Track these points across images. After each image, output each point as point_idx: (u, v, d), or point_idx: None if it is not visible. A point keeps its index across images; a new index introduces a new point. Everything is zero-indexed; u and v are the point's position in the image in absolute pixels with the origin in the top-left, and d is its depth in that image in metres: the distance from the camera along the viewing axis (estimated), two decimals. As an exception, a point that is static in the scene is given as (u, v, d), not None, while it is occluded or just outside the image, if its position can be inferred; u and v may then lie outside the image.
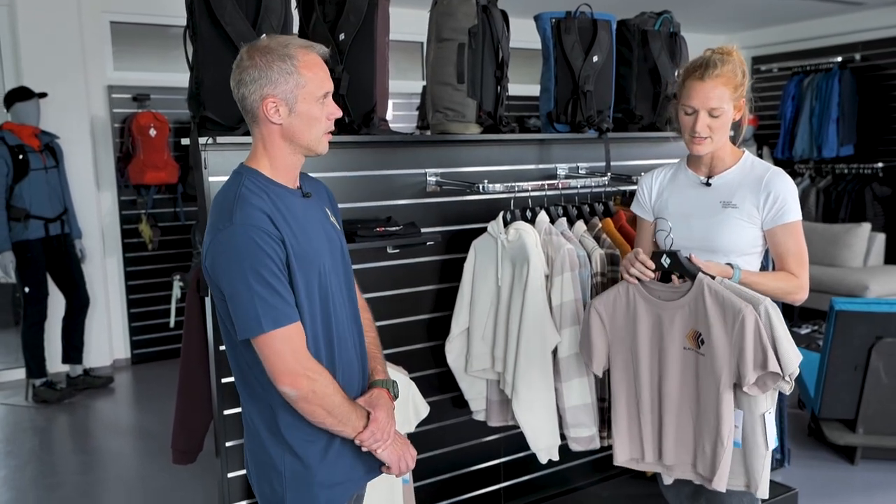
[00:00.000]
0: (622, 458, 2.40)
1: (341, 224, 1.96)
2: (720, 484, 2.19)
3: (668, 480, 2.42)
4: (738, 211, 2.23)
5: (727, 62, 2.17)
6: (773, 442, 2.16)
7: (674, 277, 2.24)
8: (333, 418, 1.70)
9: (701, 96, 2.17)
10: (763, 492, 2.17)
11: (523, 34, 3.87)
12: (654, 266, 2.19)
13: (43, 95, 5.08)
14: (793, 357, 2.06)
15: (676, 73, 3.37)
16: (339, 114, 1.76)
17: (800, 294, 2.22)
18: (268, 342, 1.62)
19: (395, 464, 1.81)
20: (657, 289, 2.25)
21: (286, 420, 1.73)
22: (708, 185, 2.29)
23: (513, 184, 2.82)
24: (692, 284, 2.18)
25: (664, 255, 2.19)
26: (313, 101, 1.69)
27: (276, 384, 1.65)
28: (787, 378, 2.07)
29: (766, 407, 2.15)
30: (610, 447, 3.40)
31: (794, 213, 2.20)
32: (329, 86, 1.73)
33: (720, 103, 2.16)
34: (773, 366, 2.04)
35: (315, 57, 1.71)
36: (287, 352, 1.63)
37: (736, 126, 2.34)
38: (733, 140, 2.34)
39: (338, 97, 2.59)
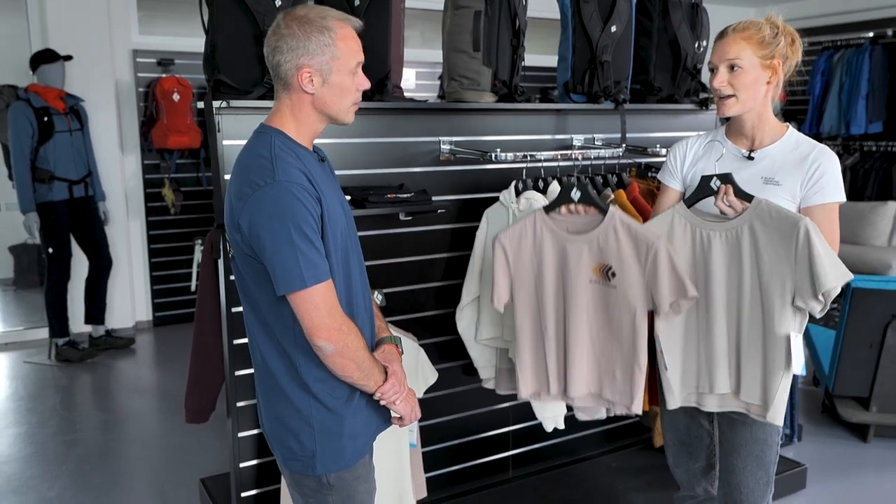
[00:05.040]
0: (526, 392, 2.42)
1: None
2: (637, 407, 2.23)
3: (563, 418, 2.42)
4: (780, 189, 2.12)
5: (754, 23, 2.11)
6: (797, 368, 2.05)
7: (582, 208, 2.24)
8: (361, 372, 1.74)
9: (719, 51, 2.13)
10: (774, 417, 2.09)
11: (546, 3, 3.83)
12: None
13: (68, 58, 5.12)
14: (829, 274, 1.96)
15: (696, 45, 3.35)
16: (367, 85, 1.79)
17: None
18: (307, 297, 1.65)
19: (408, 415, 1.88)
20: (564, 221, 2.24)
21: (314, 374, 1.76)
22: (750, 158, 2.18)
23: (525, 153, 2.81)
24: (602, 218, 2.18)
25: (714, 178, 2.12)
26: (346, 73, 1.73)
27: (313, 339, 1.68)
28: (820, 297, 1.99)
29: (792, 328, 2.06)
30: (618, 418, 3.45)
31: (835, 194, 2.10)
32: (361, 57, 1.76)
33: (738, 54, 2.08)
34: (691, 292, 2.09)
35: (350, 30, 1.74)
36: (324, 307, 1.67)
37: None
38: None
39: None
